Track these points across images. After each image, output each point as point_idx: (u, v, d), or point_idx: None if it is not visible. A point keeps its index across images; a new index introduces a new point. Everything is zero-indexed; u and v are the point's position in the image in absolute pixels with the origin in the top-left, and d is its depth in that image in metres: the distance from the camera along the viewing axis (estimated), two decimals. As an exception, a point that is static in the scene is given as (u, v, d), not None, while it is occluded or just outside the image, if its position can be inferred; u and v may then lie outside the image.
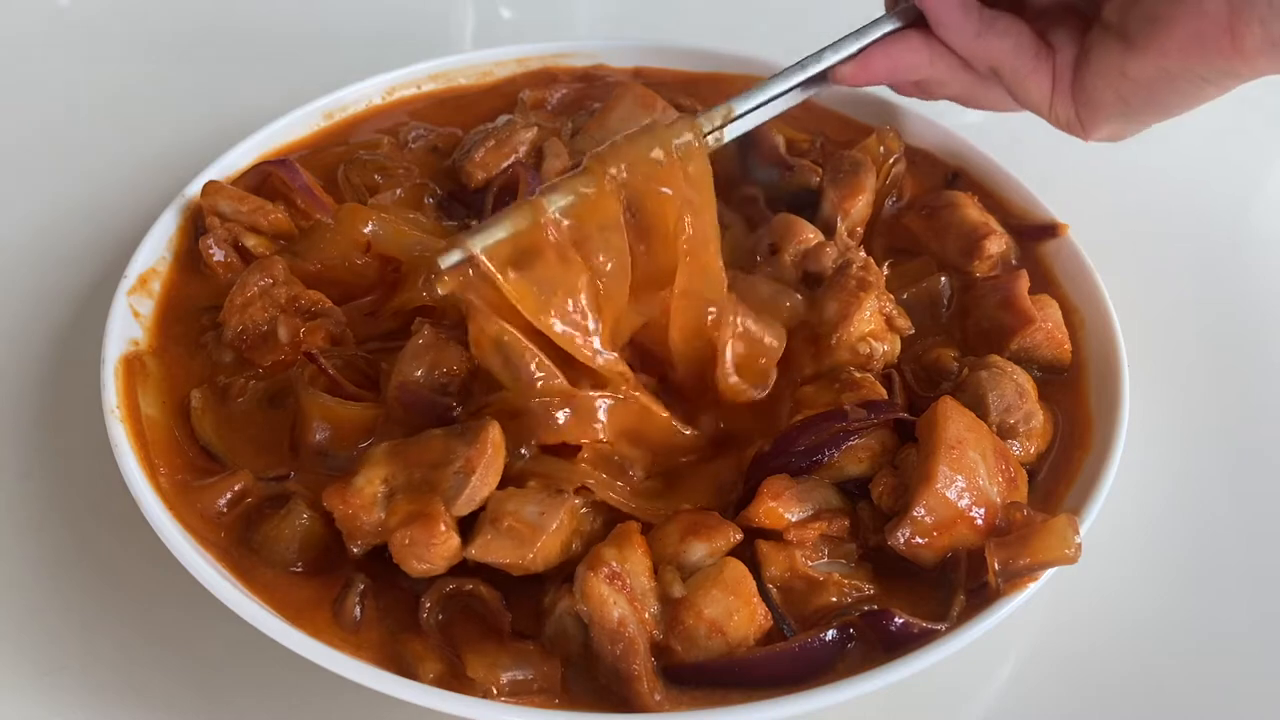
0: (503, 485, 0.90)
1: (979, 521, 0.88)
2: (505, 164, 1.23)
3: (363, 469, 0.89)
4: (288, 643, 0.83)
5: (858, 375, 1.00)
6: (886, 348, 1.04)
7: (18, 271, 1.28)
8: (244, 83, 1.59)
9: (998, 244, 1.16)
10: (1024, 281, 1.10)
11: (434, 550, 0.85)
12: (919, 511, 0.88)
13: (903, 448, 0.95)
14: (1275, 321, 1.30)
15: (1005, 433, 0.98)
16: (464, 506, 0.87)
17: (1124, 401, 1.01)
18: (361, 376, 1.03)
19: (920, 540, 0.88)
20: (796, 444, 0.94)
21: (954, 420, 0.91)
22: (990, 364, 1.02)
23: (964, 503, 0.88)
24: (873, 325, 1.04)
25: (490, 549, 0.86)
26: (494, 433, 0.89)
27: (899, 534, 0.88)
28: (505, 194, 1.20)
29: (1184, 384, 1.19)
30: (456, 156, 1.28)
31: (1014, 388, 1.00)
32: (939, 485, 0.87)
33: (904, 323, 1.07)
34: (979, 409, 0.97)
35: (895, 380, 1.03)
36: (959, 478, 0.88)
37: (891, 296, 1.07)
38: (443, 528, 0.85)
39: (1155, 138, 1.61)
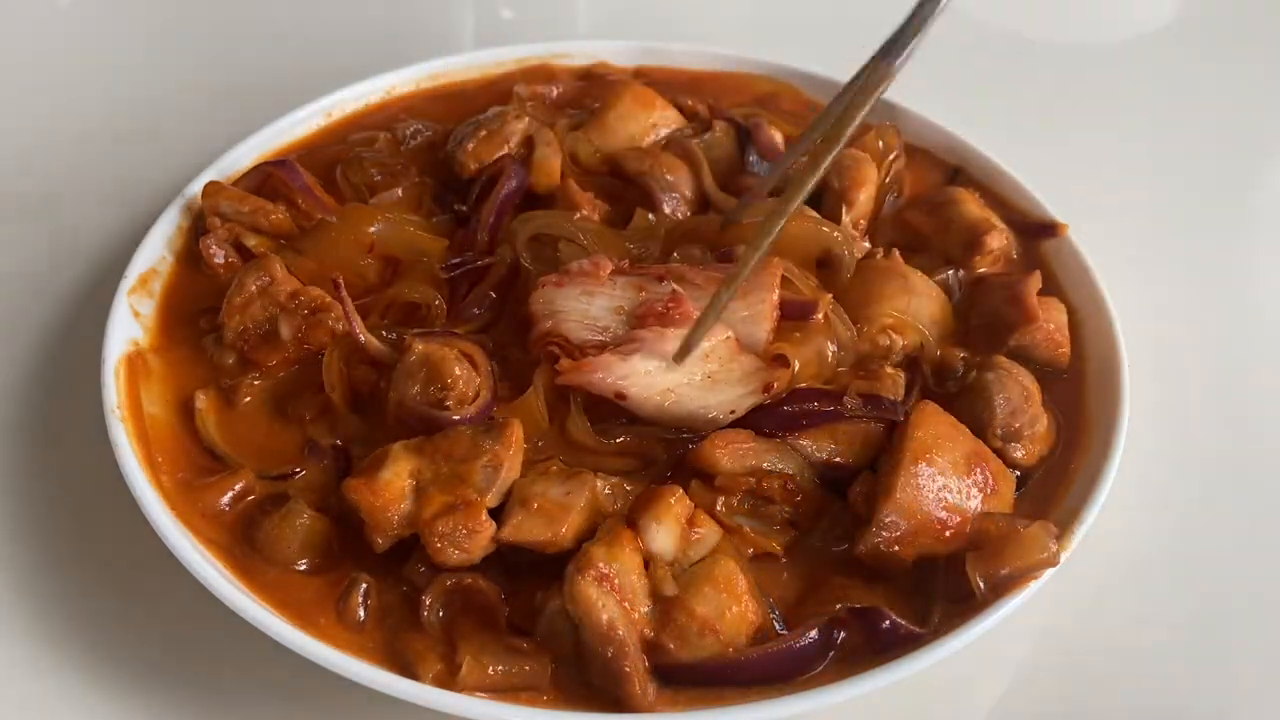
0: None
1: (947, 532, 0.89)
2: (498, 154, 1.24)
3: (387, 464, 0.90)
4: (288, 642, 0.84)
5: (890, 370, 1.01)
6: (906, 340, 1.05)
7: (18, 271, 1.28)
8: (244, 83, 1.59)
9: (999, 239, 1.16)
10: (1035, 282, 1.10)
11: (475, 538, 0.87)
12: (882, 523, 0.89)
13: (885, 451, 0.95)
14: (1275, 321, 1.30)
15: (1010, 436, 0.99)
16: (494, 498, 0.90)
17: (1124, 402, 1.01)
18: (386, 343, 1.04)
19: (885, 550, 0.89)
20: (781, 405, 0.96)
21: (926, 428, 0.92)
22: (996, 365, 1.02)
23: (929, 513, 0.89)
24: (892, 318, 1.05)
25: (523, 529, 0.88)
26: (518, 429, 0.92)
27: (860, 545, 0.90)
28: (490, 185, 1.20)
29: (1184, 384, 1.19)
30: (450, 147, 1.28)
31: (1020, 391, 1.00)
32: (899, 495, 0.89)
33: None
34: (985, 411, 0.98)
35: (916, 375, 1.04)
36: (924, 488, 0.89)
37: None
38: (484, 515, 0.88)
39: (1155, 138, 1.62)
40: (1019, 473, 0.98)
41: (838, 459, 0.96)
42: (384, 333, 1.06)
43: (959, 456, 0.92)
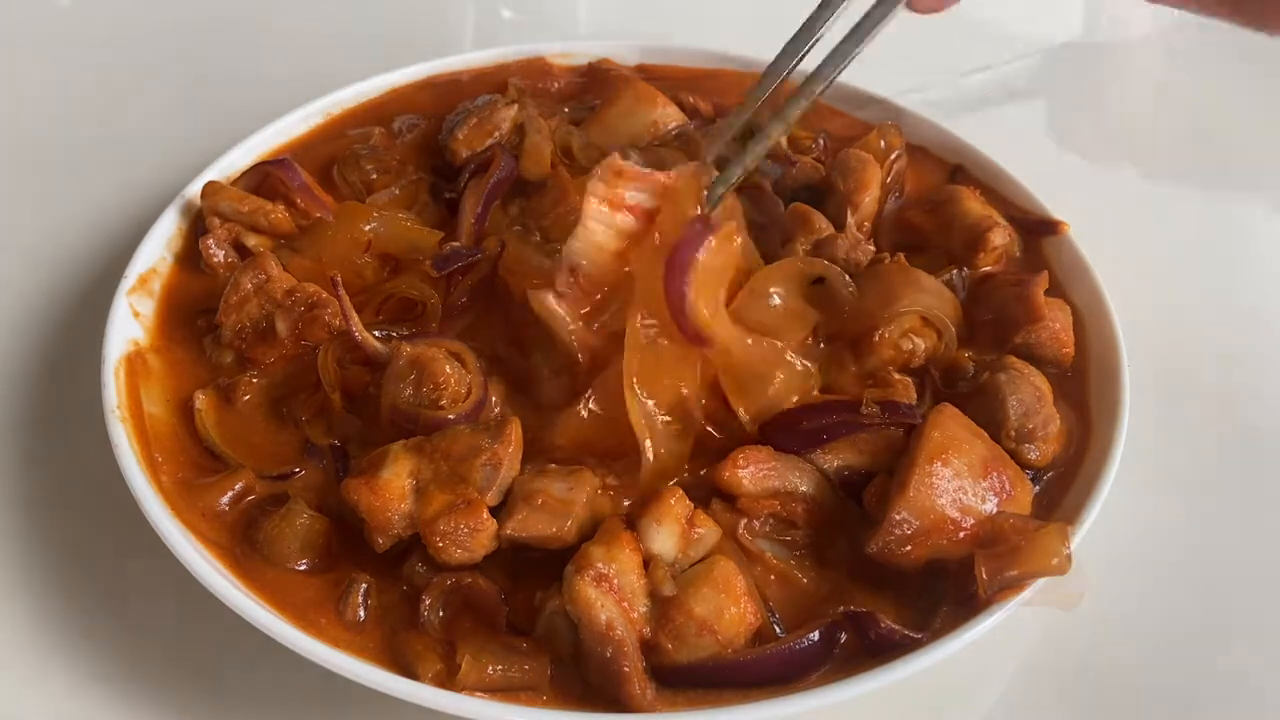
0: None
1: (961, 533, 0.89)
2: (489, 142, 1.25)
3: (387, 463, 0.90)
4: (288, 642, 0.84)
5: (898, 377, 1.01)
6: (926, 344, 1.05)
7: (18, 271, 1.28)
8: (244, 83, 1.59)
9: (1001, 236, 1.16)
10: (1043, 281, 1.10)
11: (478, 536, 0.87)
12: (894, 521, 0.88)
13: (902, 454, 0.94)
14: (1275, 320, 1.30)
15: (1024, 437, 0.98)
16: (495, 496, 0.90)
17: (1124, 401, 1.01)
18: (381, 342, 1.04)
19: (896, 550, 0.89)
20: (801, 423, 0.95)
21: (943, 429, 0.92)
22: (1008, 365, 1.02)
23: (942, 513, 0.88)
24: (911, 321, 1.05)
25: (527, 524, 0.88)
26: (517, 428, 0.92)
27: (872, 544, 0.89)
28: (479, 172, 1.21)
29: (1184, 384, 1.19)
30: (441, 136, 1.29)
31: (1032, 391, 1.00)
32: (912, 494, 0.88)
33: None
34: (999, 412, 0.98)
35: (925, 378, 1.03)
36: (938, 488, 0.88)
37: None
38: (485, 514, 0.88)
39: (1155, 136, 1.62)
40: (1031, 473, 0.98)
41: (862, 469, 0.95)
42: (378, 332, 1.06)
43: (975, 460, 0.91)
